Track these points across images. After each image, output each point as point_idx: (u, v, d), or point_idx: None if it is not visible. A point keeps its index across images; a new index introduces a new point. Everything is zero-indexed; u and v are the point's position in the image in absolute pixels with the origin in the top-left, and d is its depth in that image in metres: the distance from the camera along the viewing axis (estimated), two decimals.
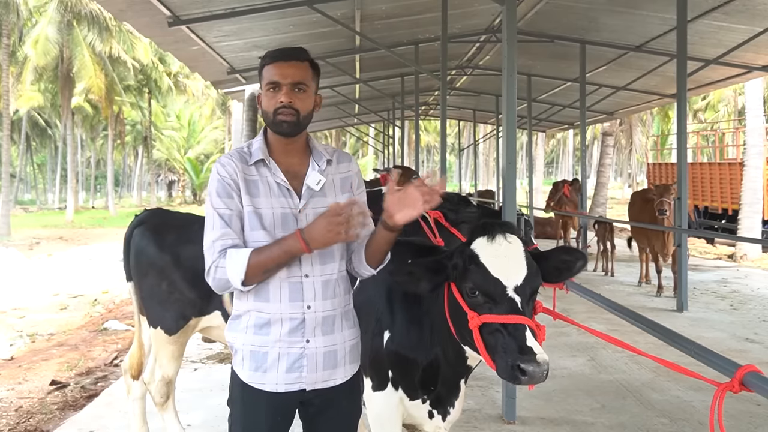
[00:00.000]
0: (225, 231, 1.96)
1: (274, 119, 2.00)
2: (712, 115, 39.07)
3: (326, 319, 2.03)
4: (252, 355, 2.01)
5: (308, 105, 2.03)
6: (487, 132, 27.99)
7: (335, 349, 2.05)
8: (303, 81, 2.01)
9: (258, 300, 2.00)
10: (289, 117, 1.98)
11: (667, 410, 4.76)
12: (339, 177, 2.12)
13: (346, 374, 2.09)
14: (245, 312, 2.03)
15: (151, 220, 3.59)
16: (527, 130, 19.00)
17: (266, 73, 2.02)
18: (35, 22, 32.06)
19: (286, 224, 2.00)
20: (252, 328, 2.01)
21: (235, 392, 2.07)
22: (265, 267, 1.92)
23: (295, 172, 2.06)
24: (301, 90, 2.00)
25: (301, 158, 2.09)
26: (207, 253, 1.96)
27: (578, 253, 2.25)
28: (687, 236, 8.76)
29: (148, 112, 43.28)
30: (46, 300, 11.46)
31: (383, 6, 9.83)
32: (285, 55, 2.02)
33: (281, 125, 2.00)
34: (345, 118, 23.42)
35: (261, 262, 1.91)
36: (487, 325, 1.98)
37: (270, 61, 2.02)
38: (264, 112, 2.03)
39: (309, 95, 2.03)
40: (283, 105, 1.97)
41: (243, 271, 1.90)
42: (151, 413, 3.84)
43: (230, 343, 2.08)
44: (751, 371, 1.89)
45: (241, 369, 2.03)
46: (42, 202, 53.67)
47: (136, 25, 8.65)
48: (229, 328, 2.09)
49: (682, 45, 8.21)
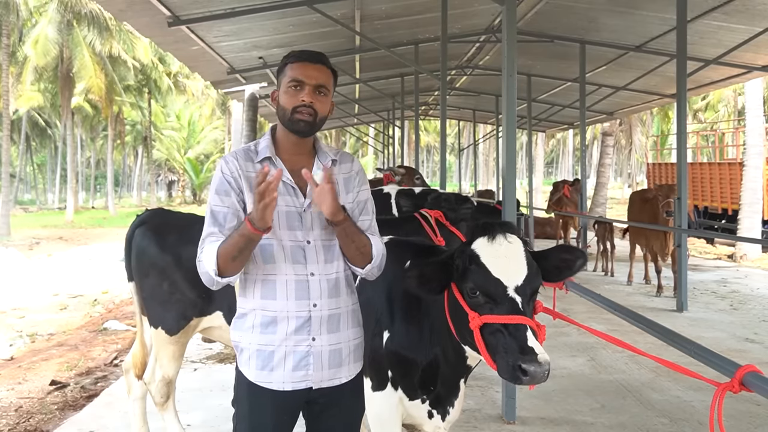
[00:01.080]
0: (212, 229, 1.98)
1: (291, 117, 2.02)
2: (712, 115, 39.07)
3: (332, 318, 2.05)
4: (258, 354, 2.01)
5: (326, 108, 2.07)
6: (487, 132, 28.00)
7: (340, 348, 2.07)
8: (325, 84, 2.05)
9: (264, 298, 2.01)
10: (308, 117, 2.01)
11: (667, 410, 4.76)
12: (342, 177, 2.15)
13: (350, 373, 2.10)
14: (251, 311, 2.04)
15: (152, 221, 3.58)
16: (527, 130, 19.02)
17: (290, 71, 2.03)
18: (35, 22, 32.05)
19: (291, 222, 2.02)
20: (258, 327, 2.02)
21: (241, 391, 2.07)
22: (230, 254, 1.91)
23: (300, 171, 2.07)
24: (322, 93, 2.04)
25: (308, 158, 2.12)
26: (198, 249, 2.00)
27: (578, 251, 2.25)
28: (687, 236, 8.76)
29: (148, 112, 43.26)
30: (46, 300, 11.46)
31: (383, 6, 9.83)
32: (312, 57, 2.06)
33: (298, 123, 2.02)
34: (345, 118, 23.43)
35: (225, 250, 1.91)
36: (487, 326, 1.98)
37: (296, 60, 2.05)
38: (281, 109, 2.05)
39: (328, 100, 2.08)
40: (304, 104, 2.00)
41: (215, 262, 1.92)
42: (151, 413, 3.84)
43: (236, 343, 2.08)
44: (751, 371, 1.89)
45: (247, 368, 2.04)
46: (42, 202, 53.67)
47: (136, 25, 8.65)
48: (234, 327, 2.09)
49: (682, 45, 8.21)
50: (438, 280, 2.15)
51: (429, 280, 2.14)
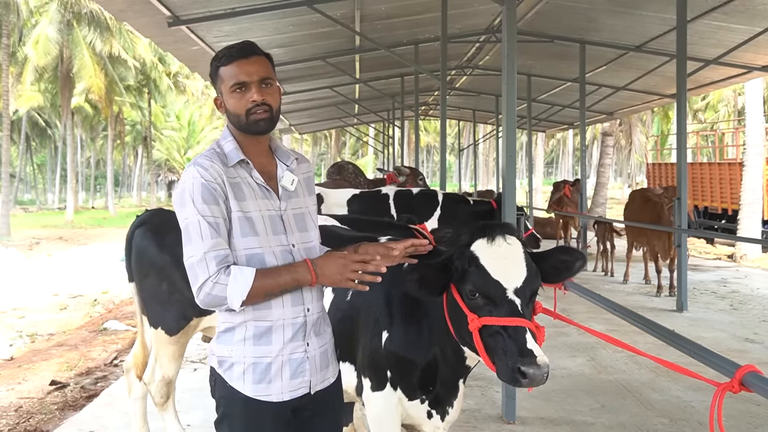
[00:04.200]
0: (216, 241, 1.84)
1: (248, 119, 1.91)
2: (712, 115, 39.08)
3: (317, 321, 2.04)
4: (255, 367, 1.91)
5: (277, 99, 1.96)
6: (487, 132, 27.98)
7: (326, 349, 2.07)
8: (268, 75, 1.94)
9: (258, 309, 1.90)
10: (265, 114, 1.92)
11: (667, 410, 4.76)
12: (303, 177, 2.09)
13: (335, 372, 2.12)
14: (240, 323, 1.92)
15: (152, 221, 3.58)
16: (527, 130, 19.01)
17: (226, 74, 1.91)
18: (35, 22, 32.04)
19: (275, 227, 1.95)
20: (251, 339, 1.91)
21: (234, 409, 1.93)
22: (269, 291, 1.85)
23: (268, 173, 2.00)
24: (268, 85, 1.93)
25: (269, 157, 2.03)
26: (198, 266, 1.82)
27: (577, 253, 2.25)
28: (687, 236, 8.76)
29: (148, 112, 43.28)
30: (46, 300, 11.47)
31: (383, 6, 9.83)
32: (243, 51, 1.92)
33: (258, 124, 1.92)
34: (345, 118, 23.42)
35: (267, 285, 1.83)
36: (487, 327, 1.99)
37: (228, 60, 1.92)
38: (233, 115, 1.93)
39: (276, 89, 1.97)
40: (256, 103, 1.90)
41: (246, 292, 1.80)
42: (151, 413, 3.85)
43: (224, 358, 1.93)
44: (751, 371, 1.89)
45: (241, 383, 1.91)
46: (42, 202, 53.69)
47: (136, 25, 8.64)
48: (220, 342, 1.95)
49: (682, 45, 8.21)
50: (438, 283, 2.14)
51: (429, 283, 2.13)
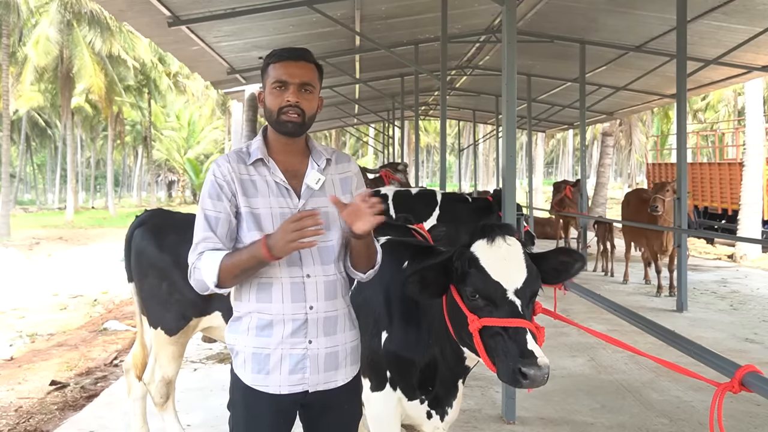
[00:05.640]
0: (207, 234, 1.96)
1: (278, 118, 1.99)
2: (712, 115, 39.04)
3: (328, 320, 2.02)
4: (254, 357, 1.99)
5: (313, 106, 2.03)
6: (487, 132, 28.00)
7: (337, 351, 2.05)
8: (310, 82, 2.00)
9: (260, 301, 1.99)
10: (295, 117, 1.98)
11: (667, 410, 4.76)
12: (338, 177, 2.12)
13: (347, 376, 2.09)
14: (246, 314, 2.02)
15: (151, 221, 3.58)
16: (527, 130, 19.01)
17: (273, 72, 2.00)
18: (35, 23, 32.03)
19: None
20: (254, 330, 1.99)
21: (236, 395, 2.04)
22: (233, 272, 1.90)
23: (294, 171, 2.05)
24: (307, 90, 2.00)
25: (301, 158, 2.08)
26: (190, 254, 1.97)
27: (576, 254, 2.25)
28: (687, 236, 8.77)
29: (148, 112, 43.27)
30: (46, 300, 11.46)
31: (383, 6, 9.83)
32: (293, 54, 2.01)
33: (286, 125, 1.99)
34: (345, 118, 23.42)
35: (230, 266, 1.90)
36: (487, 328, 1.98)
37: (277, 59, 2.01)
38: (267, 111, 2.02)
39: (315, 97, 2.03)
40: (289, 104, 1.97)
41: (215, 274, 1.90)
42: (151, 413, 3.84)
43: (231, 346, 2.05)
44: (751, 371, 1.89)
45: (243, 372, 2.01)
46: (42, 202, 53.68)
47: (136, 25, 8.65)
48: (229, 330, 2.07)
49: (682, 45, 8.21)
50: (439, 285, 2.14)
51: (430, 284, 2.13)
